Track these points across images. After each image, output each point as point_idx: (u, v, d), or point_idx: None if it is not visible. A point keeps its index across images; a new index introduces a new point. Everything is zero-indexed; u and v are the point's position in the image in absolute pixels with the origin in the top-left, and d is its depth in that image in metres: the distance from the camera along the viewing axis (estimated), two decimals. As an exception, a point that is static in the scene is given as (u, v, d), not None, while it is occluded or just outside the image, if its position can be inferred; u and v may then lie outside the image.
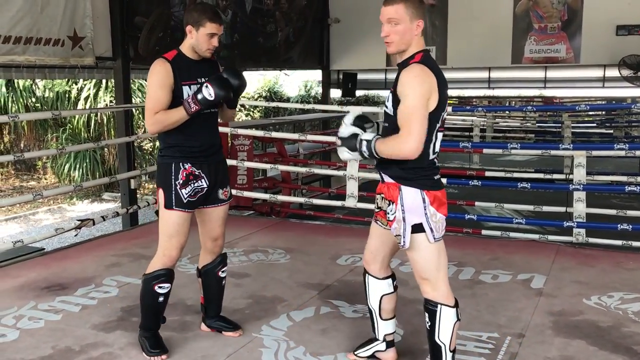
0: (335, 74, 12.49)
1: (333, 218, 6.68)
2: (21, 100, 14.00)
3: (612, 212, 5.29)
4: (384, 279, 2.75)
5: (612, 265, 4.44)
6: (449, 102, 2.87)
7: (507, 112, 13.53)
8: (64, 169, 13.38)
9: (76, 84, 13.99)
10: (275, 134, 6.77)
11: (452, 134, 12.10)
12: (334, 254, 4.71)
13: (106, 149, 13.42)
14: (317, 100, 16.76)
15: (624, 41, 9.72)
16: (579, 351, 3.05)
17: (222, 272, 3.18)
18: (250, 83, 19.58)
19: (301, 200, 6.88)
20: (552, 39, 10.33)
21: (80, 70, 7.32)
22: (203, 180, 2.95)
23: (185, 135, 2.91)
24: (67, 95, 14.20)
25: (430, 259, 2.48)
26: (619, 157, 9.23)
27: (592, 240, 5.03)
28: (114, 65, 7.10)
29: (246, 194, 6.58)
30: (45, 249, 5.63)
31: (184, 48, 2.94)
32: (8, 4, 5.64)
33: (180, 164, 2.92)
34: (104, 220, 5.71)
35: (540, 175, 6.07)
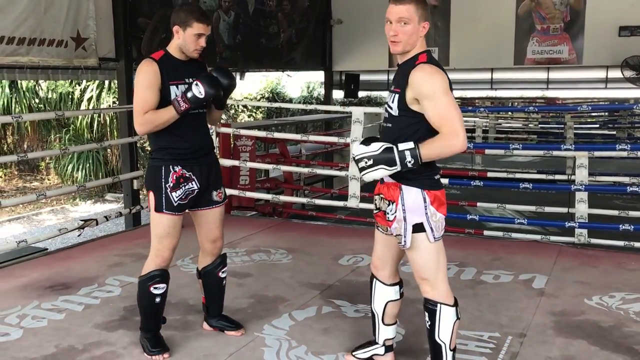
0: (338, 75, 12.50)
1: (335, 218, 6.68)
2: (24, 101, 14.04)
3: (614, 212, 5.29)
4: (392, 285, 2.75)
5: (614, 266, 4.44)
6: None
7: (510, 112, 13.53)
8: (67, 170, 13.42)
9: (79, 85, 14.04)
10: (277, 135, 6.78)
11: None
12: (336, 254, 4.72)
13: (109, 150, 13.45)
14: (320, 102, 16.77)
15: (626, 42, 9.72)
16: (581, 351, 3.06)
17: (223, 272, 3.18)
18: (252, 84, 19.50)
19: (303, 200, 6.90)
20: (554, 40, 10.33)
21: (84, 71, 7.33)
22: (194, 183, 2.94)
23: (175, 137, 2.89)
24: (70, 97, 14.25)
25: (429, 258, 2.49)
26: (621, 158, 9.22)
27: (594, 241, 5.04)
28: (117, 66, 7.12)
29: (248, 194, 6.59)
30: (48, 249, 5.66)
31: (171, 48, 2.91)
32: (12, 5, 5.66)
33: (170, 167, 2.90)
34: (107, 220, 5.73)
35: (543, 176, 6.07)
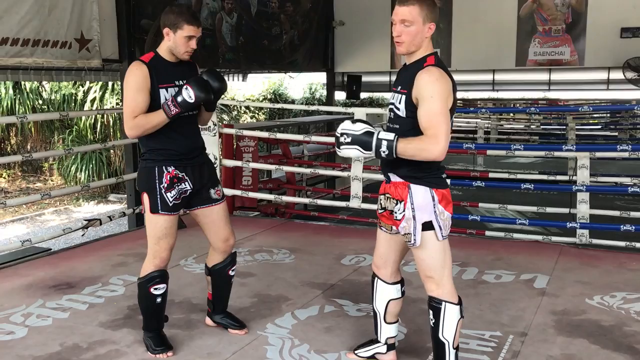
0: (340, 77, 12.52)
1: (337, 219, 6.71)
2: (28, 102, 14.09)
3: (616, 213, 5.31)
4: (393, 284, 2.77)
5: (615, 266, 4.46)
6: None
7: (511, 114, 13.55)
8: (70, 171, 13.46)
9: (82, 87, 14.09)
10: (280, 135, 6.80)
11: (456, 136, 12.12)
12: (339, 254, 4.74)
13: (112, 151, 13.50)
14: (322, 103, 16.79)
15: (628, 44, 9.72)
16: (581, 350, 3.08)
17: (232, 271, 3.19)
18: (255, 85, 19.51)
19: (306, 201, 6.92)
20: (556, 41, 10.34)
21: (87, 73, 7.37)
22: (187, 183, 2.94)
23: (166, 138, 2.88)
24: (73, 98, 14.30)
25: (436, 257, 2.51)
26: (622, 159, 9.23)
27: (595, 241, 5.05)
28: (120, 68, 7.15)
29: (251, 194, 6.62)
30: (51, 249, 5.69)
31: (161, 50, 2.88)
32: (16, 7, 5.70)
33: (163, 168, 2.89)
34: (111, 220, 5.76)
35: (544, 177, 6.09)
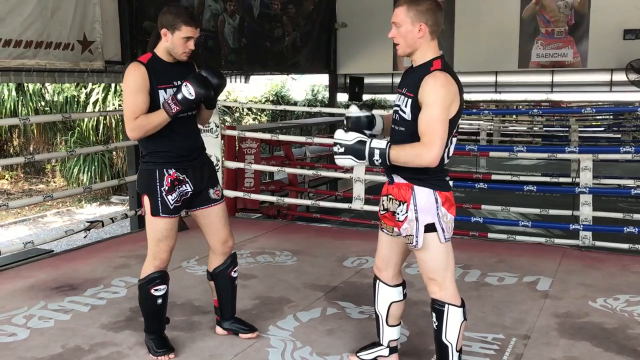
0: (342, 78, 12.53)
1: (340, 221, 6.71)
2: (31, 104, 14.12)
3: (619, 215, 5.30)
4: (395, 286, 2.76)
5: (619, 268, 4.44)
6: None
7: (514, 116, 13.53)
8: (72, 172, 13.48)
9: (85, 88, 14.11)
10: (282, 137, 6.80)
11: (459, 138, 12.02)
12: (341, 256, 4.74)
13: (114, 153, 13.51)
14: (324, 105, 16.80)
15: (631, 45, 9.70)
16: (584, 352, 3.07)
17: (234, 272, 3.17)
18: (257, 87, 19.52)
19: (308, 202, 6.92)
20: (559, 43, 10.32)
21: (90, 74, 7.37)
22: (187, 185, 2.93)
23: (168, 140, 2.87)
24: (75, 100, 14.32)
25: (439, 259, 2.50)
26: (626, 161, 9.21)
27: (599, 243, 5.03)
28: (122, 69, 7.15)
29: (253, 196, 6.62)
30: (53, 250, 5.69)
31: (158, 51, 2.87)
32: (19, 9, 5.71)
33: (164, 170, 2.88)
34: (113, 222, 5.76)
35: (547, 179, 6.09)
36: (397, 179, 2.53)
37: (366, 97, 12.93)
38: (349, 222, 6.55)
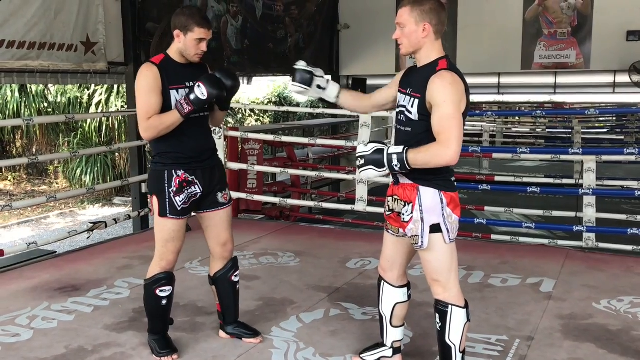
0: (345, 80, 12.52)
1: (342, 222, 6.70)
2: (34, 105, 14.16)
3: (622, 217, 5.28)
4: (400, 287, 2.76)
5: (623, 270, 4.43)
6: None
7: (517, 117, 13.52)
8: (75, 174, 13.51)
9: (88, 90, 14.14)
10: (285, 138, 6.82)
11: (462, 139, 12.05)
12: (344, 257, 4.73)
13: (117, 154, 13.53)
14: (327, 106, 16.80)
15: (634, 47, 9.68)
16: (588, 354, 3.06)
17: (235, 276, 3.15)
18: (260, 89, 19.53)
19: (311, 204, 6.92)
20: (562, 44, 10.31)
21: (93, 76, 7.39)
22: (196, 186, 2.92)
23: (177, 141, 2.87)
24: (78, 101, 14.35)
25: (443, 260, 2.50)
26: (629, 163, 9.19)
27: (602, 245, 5.02)
28: (126, 71, 7.17)
29: (256, 197, 6.61)
30: (56, 252, 5.69)
31: (171, 52, 2.89)
32: (23, 10, 5.72)
33: (173, 171, 2.88)
34: (116, 223, 5.77)
35: (550, 180, 6.07)
36: (403, 180, 2.52)
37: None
38: (351, 224, 6.54)
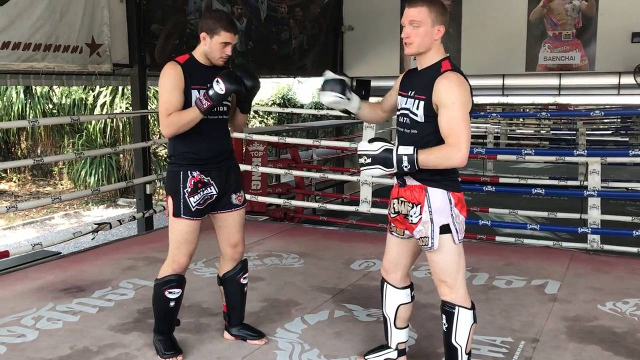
0: (349, 81, 12.53)
1: (347, 223, 6.70)
2: (39, 106, 14.20)
3: (627, 219, 5.27)
4: (403, 288, 2.76)
5: (628, 272, 4.42)
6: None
7: (521, 119, 13.48)
8: (80, 175, 13.54)
9: (93, 91, 14.17)
10: (289, 140, 6.82)
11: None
12: (348, 258, 4.73)
13: (121, 155, 13.56)
14: (331, 107, 16.79)
15: (639, 48, 9.66)
16: (593, 357, 3.05)
17: (244, 278, 3.15)
18: (264, 90, 19.58)
19: (315, 205, 6.92)
20: (566, 46, 10.29)
21: (98, 77, 7.41)
22: (212, 188, 2.94)
23: (194, 142, 2.90)
24: (83, 102, 14.39)
25: (451, 260, 2.50)
26: (634, 165, 9.16)
27: (607, 247, 5.01)
28: (130, 72, 7.19)
29: (260, 199, 6.62)
30: (61, 252, 5.71)
31: (196, 53, 2.93)
32: (28, 12, 5.75)
33: (188, 172, 2.90)
34: (121, 224, 5.78)
35: (555, 182, 6.05)
36: (410, 181, 2.52)
37: (373, 99, 12.91)
38: (356, 225, 6.54)
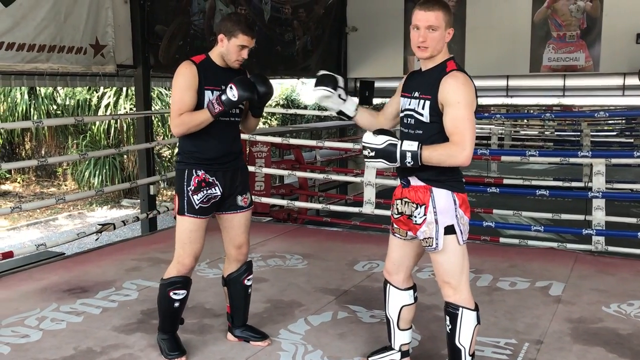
0: (353, 82, 12.53)
1: (350, 225, 6.69)
2: (43, 107, 14.24)
3: (632, 220, 5.25)
4: (406, 290, 2.75)
5: (632, 274, 4.40)
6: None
7: (526, 120, 13.45)
8: (84, 176, 13.57)
9: (97, 92, 14.21)
10: (293, 141, 6.81)
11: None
12: (352, 260, 4.73)
13: (125, 156, 13.58)
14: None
15: (643, 49, 9.64)
16: (598, 358, 3.04)
17: (248, 280, 3.15)
18: (267, 91, 19.74)
19: (318, 206, 6.91)
20: (570, 47, 10.27)
21: (102, 78, 7.44)
22: (216, 188, 2.95)
23: (202, 142, 2.91)
24: (87, 103, 14.42)
25: (455, 261, 2.50)
26: (639, 166, 9.13)
27: (612, 248, 4.99)
28: (134, 73, 7.21)
29: (264, 200, 6.62)
30: (65, 253, 5.72)
31: (212, 54, 2.94)
32: (33, 13, 5.77)
33: (193, 171, 2.92)
34: (125, 224, 5.78)
35: (559, 183, 6.03)
36: (414, 182, 2.51)
37: (376, 101, 12.90)
38: (359, 226, 6.53)
